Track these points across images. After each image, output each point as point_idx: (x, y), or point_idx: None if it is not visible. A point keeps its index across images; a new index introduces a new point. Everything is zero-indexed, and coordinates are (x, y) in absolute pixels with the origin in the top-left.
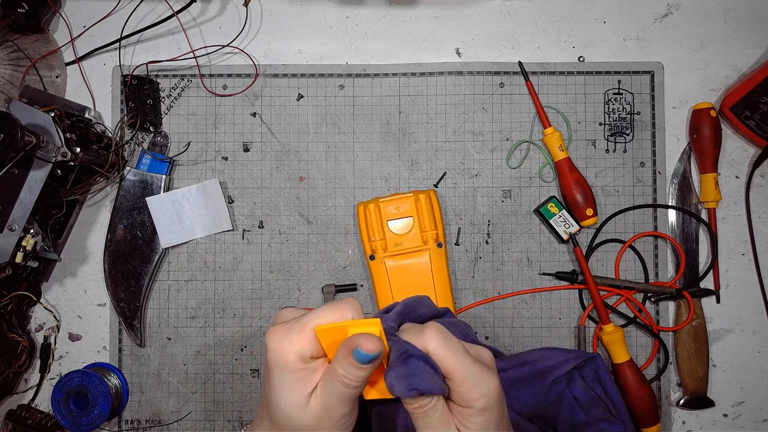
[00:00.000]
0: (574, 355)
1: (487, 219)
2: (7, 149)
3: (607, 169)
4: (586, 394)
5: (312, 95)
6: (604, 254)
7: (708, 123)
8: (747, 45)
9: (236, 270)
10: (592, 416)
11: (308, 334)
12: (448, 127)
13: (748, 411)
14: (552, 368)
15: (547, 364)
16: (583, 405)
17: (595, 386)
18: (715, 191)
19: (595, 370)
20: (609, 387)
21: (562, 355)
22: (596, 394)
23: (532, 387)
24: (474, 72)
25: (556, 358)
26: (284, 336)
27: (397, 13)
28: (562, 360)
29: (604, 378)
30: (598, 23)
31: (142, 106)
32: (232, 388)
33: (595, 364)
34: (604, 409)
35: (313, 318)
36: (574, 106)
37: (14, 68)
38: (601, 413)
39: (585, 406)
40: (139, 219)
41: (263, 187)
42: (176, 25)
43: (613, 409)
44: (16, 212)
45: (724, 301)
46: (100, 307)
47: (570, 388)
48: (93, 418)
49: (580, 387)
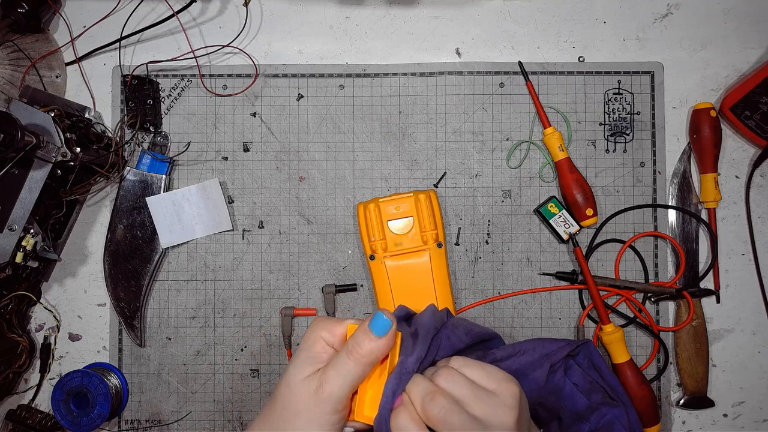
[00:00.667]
0: (566, 343)
1: (487, 219)
2: (7, 149)
3: (607, 169)
4: (584, 380)
5: (312, 95)
6: (604, 254)
7: (708, 123)
8: (747, 45)
9: (236, 270)
10: (593, 401)
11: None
12: (448, 127)
13: (748, 411)
14: (547, 356)
15: (543, 352)
16: (584, 391)
17: (591, 372)
18: (715, 191)
19: (589, 357)
20: (605, 371)
21: (554, 343)
22: (594, 380)
23: (531, 375)
24: (474, 72)
25: (549, 347)
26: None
27: (397, 13)
28: (555, 348)
29: (598, 363)
30: (598, 23)
31: (142, 106)
32: (232, 388)
33: (588, 351)
34: (603, 394)
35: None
36: (574, 106)
37: (14, 68)
38: (600, 398)
39: (585, 392)
40: (139, 219)
41: (263, 187)
42: (176, 25)
43: (611, 392)
44: (16, 212)
45: (724, 301)
46: (100, 307)
47: (569, 375)
48: (93, 418)
49: (579, 374)
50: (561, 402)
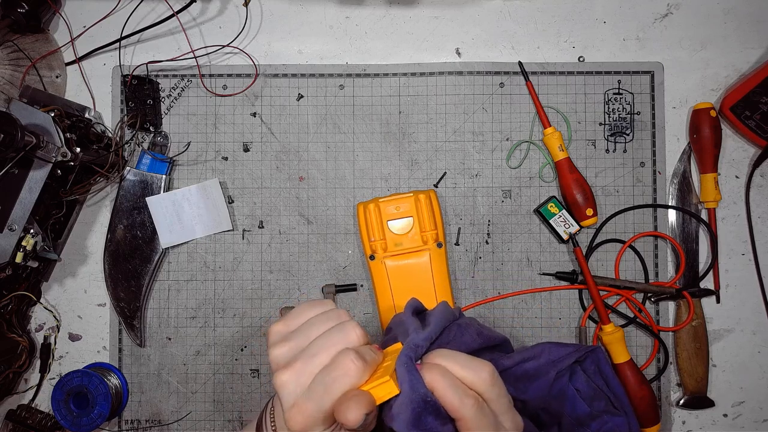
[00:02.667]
0: (575, 348)
1: (487, 219)
2: (7, 149)
3: (607, 169)
4: (588, 386)
5: (312, 95)
6: (604, 254)
7: (708, 123)
8: (747, 45)
9: (236, 270)
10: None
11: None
12: (448, 127)
13: (748, 411)
14: (554, 362)
15: (550, 358)
16: (586, 398)
17: (597, 379)
18: (715, 191)
19: (597, 363)
20: (611, 379)
21: (563, 349)
22: (598, 387)
23: (537, 381)
24: (474, 72)
25: (557, 353)
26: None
27: (397, 13)
28: (564, 354)
29: (605, 370)
30: (598, 23)
31: (142, 106)
32: (232, 388)
33: (596, 357)
34: (606, 402)
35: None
36: (574, 106)
37: (14, 68)
38: (603, 405)
39: (588, 398)
40: (139, 219)
41: (263, 187)
42: (176, 25)
43: (615, 401)
44: (16, 212)
45: (724, 301)
46: (100, 307)
47: (572, 381)
48: (93, 418)
49: (582, 380)
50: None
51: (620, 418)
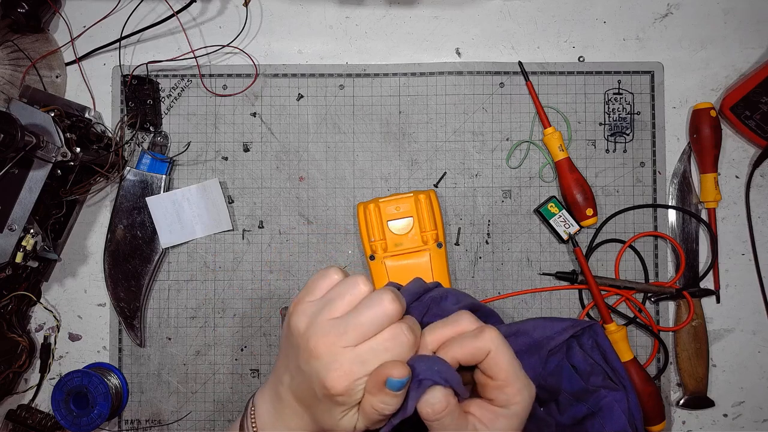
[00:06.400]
0: (571, 324)
1: (487, 219)
2: (7, 149)
3: (607, 169)
4: (584, 362)
5: (312, 95)
6: (604, 254)
7: (708, 123)
8: (747, 45)
9: (236, 270)
10: (591, 383)
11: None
12: (448, 127)
13: (748, 411)
14: (548, 338)
15: (544, 333)
16: (582, 373)
17: (594, 354)
18: (715, 191)
19: (594, 338)
20: (609, 353)
21: (558, 324)
22: (595, 362)
23: (529, 358)
24: (474, 72)
25: (552, 328)
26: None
27: (397, 13)
28: (559, 329)
29: (603, 345)
30: (598, 23)
31: (142, 106)
32: (232, 388)
33: (593, 332)
34: (604, 377)
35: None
36: (574, 106)
37: (14, 68)
38: (600, 380)
39: (584, 373)
40: (139, 219)
41: (263, 187)
42: (176, 25)
43: (613, 375)
44: (16, 212)
45: (724, 301)
46: (100, 307)
47: (568, 356)
48: (93, 418)
49: (579, 355)
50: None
51: (619, 392)
